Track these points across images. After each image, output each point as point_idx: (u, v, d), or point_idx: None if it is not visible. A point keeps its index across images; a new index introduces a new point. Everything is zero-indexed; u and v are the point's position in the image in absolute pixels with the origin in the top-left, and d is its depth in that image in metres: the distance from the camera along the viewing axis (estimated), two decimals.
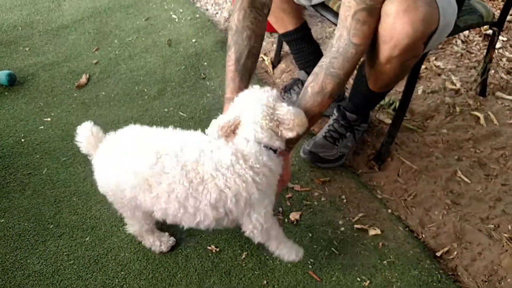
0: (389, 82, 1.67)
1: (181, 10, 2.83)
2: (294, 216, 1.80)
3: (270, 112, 1.33)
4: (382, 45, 1.48)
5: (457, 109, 2.27)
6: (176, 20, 2.77)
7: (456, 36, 2.72)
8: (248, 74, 1.61)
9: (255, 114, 1.33)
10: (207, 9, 2.90)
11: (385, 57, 1.51)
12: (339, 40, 1.46)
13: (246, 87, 1.55)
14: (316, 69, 1.50)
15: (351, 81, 1.91)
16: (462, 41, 2.71)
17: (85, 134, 1.46)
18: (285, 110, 1.33)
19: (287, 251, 1.52)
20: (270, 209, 1.43)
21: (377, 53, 1.53)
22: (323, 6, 1.87)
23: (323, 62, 1.48)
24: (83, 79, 2.36)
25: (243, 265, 1.65)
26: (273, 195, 1.44)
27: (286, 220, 1.79)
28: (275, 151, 1.37)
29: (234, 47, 1.60)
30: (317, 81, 1.47)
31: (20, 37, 2.62)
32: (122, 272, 1.61)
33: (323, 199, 1.87)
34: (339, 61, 1.45)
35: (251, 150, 1.32)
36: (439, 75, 2.47)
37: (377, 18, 1.44)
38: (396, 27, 1.41)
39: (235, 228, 1.52)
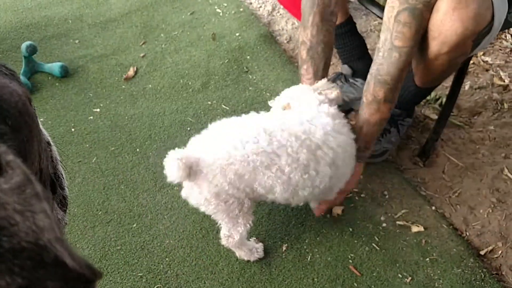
0: (436, 78, 1.65)
1: (225, 4, 2.86)
2: (336, 210, 1.81)
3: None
4: (431, 41, 1.46)
5: (505, 105, 2.21)
6: (220, 14, 2.80)
7: (506, 31, 2.64)
8: None
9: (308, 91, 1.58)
10: (250, 3, 2.92)
11: (433, 53, 1.49)
12: (384, 44, 1.48)
13: None
14: (368, 77, 1.56)
15: None
16: None
17: (175, 166, 1.35)
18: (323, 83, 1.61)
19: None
20: None
21: (425, 49, 1.51)
22: None
23: (373, 69, 1.53)
24: (131, 72, 2.43)
25: (283, 257, 1.68)
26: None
27: (328, 214, 1.80)
28: None
29: (310, 61, 1.67)
30: (369, 90, 1.54)
31: (70, 30, 2.72)
32: (166, 259, 1.66)
33: (365, 194, 1.87)
34: (384, 67, 1.49)
35: (330, 110, 1.52)
36: (487, 70, 2.41)
37: (421, 20, 1.43)
38: (445, 23, 1.39)
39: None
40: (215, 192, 1.41)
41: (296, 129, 1.42)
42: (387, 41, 1.46)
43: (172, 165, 1.35)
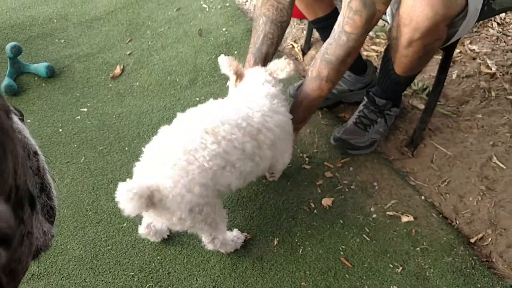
0: (414, 65, 1.65)
1: (211, 0, 2.85)
2: (326, 202, 1.81)
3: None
4: (403, 28, 1.47)
5: (493, 93, 2.22)
6: (207, 9, 2.79)
7: (492, 18, 2.65)
8: (263, 58, 1.74)
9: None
10: None
11: (406, 40, 1.50)
12: (337, 26, 1.53)
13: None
14: (317, 54, 1.63)
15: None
16: (498, 24, 2.63)
17: (130, 199, 1.26)
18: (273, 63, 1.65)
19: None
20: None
21: (399, 37, 1.52)
22: None
23: (323, 47, 1.60)
24: (118, 70, 2.41)
25: (275, 251, 1.68)
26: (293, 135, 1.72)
27: (318, 206, 1.80)
28: None
29: (253, 31, 1.77)
30: (315, 66, 1.61)
31: (55, 29, 2.70)
32: (158, 257, 1.66)
33: (354, 185, 1.87)
34: (332, 47, 1.55)
35: (272, 90, 1.58)
36: (474, 59, 2.42)
37: (373, 10, 1.46)
38: (415, 9, 1.40)
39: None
40: (188, 209, 1.36)
41: (235, 118, 1.44)
42: (339, 24, 1.52)
43: (126, 199, 1.24)
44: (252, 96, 1.56)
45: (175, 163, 1.33)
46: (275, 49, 1.76)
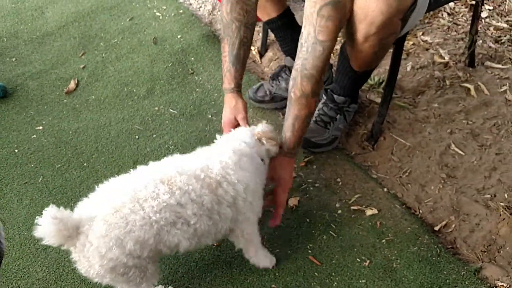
0: (370, 60, 1.67)
1: (164, 7, 2.82)
2: (292, 202, 1.81)
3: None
4: (358, 24, 1.48)
5: (447, 82, 2.27)
6: (160, 17, 2.76)
7: (442, 9, 2.71)
8: (242, 63, 1.76)
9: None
10: (190, 4, 2.89)
11: (362, 35, 1.51)
12: (307, 39, 1.49)
13: (240, 75, 1.78)
14: (293, 73, 1.56)
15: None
16: (448, 14, 2.69)
17: (50, 227, 1.15)
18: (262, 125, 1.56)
19: (263, 258, 1.60)
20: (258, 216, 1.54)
21: (354, 32, 1.53)
22: None
23: (298, 64, 1.54)
24: (72, 85, 2.36)
25: (243, 255, 1.66)
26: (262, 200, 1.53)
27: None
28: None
29: (226, 39, 1.74)
30: (297, 86, 1.54)
31: (5, 48, 2.62)
32: None
33: (318, 183, 1.88)
34: (309, 61, 1.50)
35: (244, 148, 1.44)
36: (427, 49, 2.46)
37: (344, 11, 1.45)
38: (370, 4, 1.41)
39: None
40: (110, 267, 1.22)
41: (193, 169, 1.33)
42: (310, 36, 1.48)
43: (47, 225, 1.13)
44: (218, 150, 1.44)
45: (117, 209, 1.20)
46: (249, 51, 1.80)
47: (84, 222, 1.20)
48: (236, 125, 1.76)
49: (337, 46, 2.45)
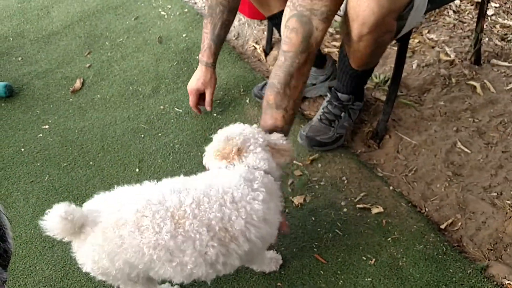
0: (367, 59, 1.66)
1: (170, 6, 2.83)
2: (298, 200, 1.81)
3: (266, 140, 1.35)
4: (352, 23, 1.48)
5: (453, 80, 2.26)
6: (165, 16, 2.76)
7: (448, 6, 2.70)
8: (221, 42, 1.97)
9: (258, 141, 1.31)
10: (195, 3, 2.89)
11: (356, 35, 1.51)
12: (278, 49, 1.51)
13: (218, 52, 1.99)
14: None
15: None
16: (454, 11, 2.68)
17: (57, 220, 1.13)
18: (278, 136, 1.38)
19: (268, 264, 1.57)
20: None
21: (349, 32, 1.53)
22: None
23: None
24: (78, 84, 2.37)
25: None
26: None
27: (290, 205, 1.80)
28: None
29: (209, 18, 1.89)
30: (265, 96, 1.49)
31: (12, 47, 2.63)
32: None
33: (324, 181, 1.87)
34: (273, 71, 1.47)
35: (268, 185, 1.27)
36: (433, 47, 2.46)
37: (310, 27, 1.42)
38: (361, 4, 1.41)
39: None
40: (100, 273, 1.21)
41: (210, 217, 1.16)
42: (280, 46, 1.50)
43: (55, 221, 1.13)
44: (241, 189, 1.22)
45: (118, 226, 1.15)
46: (228, 31, 1.97)
47: (89, 223, 1.17)
48: (201, 94, 2.05)
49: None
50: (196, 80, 2.02)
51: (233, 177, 1.23)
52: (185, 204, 1.16)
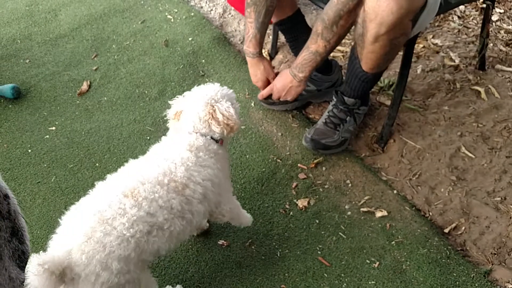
0: (381, 61, 1.68)
1: (176, 10, 2.85)
2: (302, 203, 1.82)
3: (212, 106, 1.45)
4: (369, 23, 1.50)
5: (457, 85, 2.27)
6: (172, 20, 2.79)
7: (452, 12, 2.71)
8: (265, 30, 1.96)
9: (197, 106, 1.45)
10: (201, 7, 2.92)
11: (372, 35, 1.52)
12: None
13: (263, 41, 1.99)
14: None
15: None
16: (459, 17, 2.69)
17: (41, 276, 1.05)
18: (224, 107, 1.45)
19: (244, 218, 1.65)
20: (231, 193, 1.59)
21: (365, 33, 1.55)
22: None
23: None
24: (84, 86, 2.39)
25: (253, 256, 1.68)
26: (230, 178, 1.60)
27: (294, 208, 1.81)
28: (217, 140, 1.48)
29: (253, 6, 1.88)
30: (315, 25, 1.71)
31: (19, 50, 2.66)
32: None
33: (328, 185, 1.88)
34: (326, 8, 1.65)
35: (199, 142, 1.42)
36: (438, 52, 2.47)
37: None
38: (380, 4, 1.43)
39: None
40: None
41: (155, 175, 1.30)
42: None
43: (37, 275, 1.03)
44: (174, 149, 1.41)
45: (89, 236, 1.17)
46: (271, 18, 1.96)
47: (63, 258, 1.15)
48: (268, 83, 2.07)
49: (347, 49, 2.47)
50: (256, 74, 2.05)
51: (163, 144, 1.47)
52: (131, 181, 1.28)
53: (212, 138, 1.47)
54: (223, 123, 1.43)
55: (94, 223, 1.18)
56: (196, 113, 1.45)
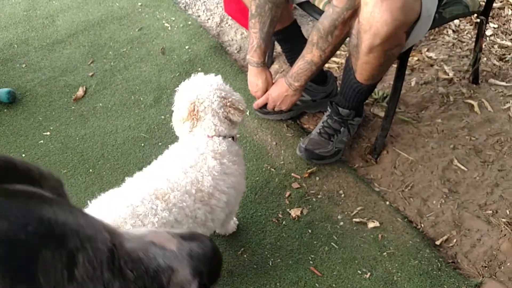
0: (375, 72, 1.69)
1: (173, 18, 2.87)
2: (295, 212, 1.83)
3: (223, 98, 1.45)
4: (363, 34, 1.51)
5: (451, 98, 2.29)
6: (169, 28, 2.80)
7: (447, 26, 2.73)
8: (270, 40, 1.98)
9: (212, 103, 1.43)
10: (199, 16, 2.93)
11: (367, 46, 1.54)
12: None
13: (267, 52, 2.02)
14: None
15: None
16: (453, 31, 2.72)
17: None
18: (233, 94, 1.49)
19: (232, 225, 1.72)
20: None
21: (359, 44, 1.56)
22: (309, 4, 1.90)
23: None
24: (80, 92, 2.39)
25: (245, 264, 1.68)
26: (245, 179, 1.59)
27: (287, 217, 1.81)
28: (233, 138, 1.51)
29: (258, 17, 1.88)
30: (310, 34, 1.73)
31: (16, 54, 2.66)
32: None
33: (321, 195, 1.89)
34: (322, 17, 1.66)
35: (223, 147, 1.43)
36: (432, 65, 2.49)
37: None
38: (375, 15, 1.44)
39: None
40: None
41: (183, 183, 1.32)
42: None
43: None
44: (199, 155, 1.40)
45: (119, 226, 1.18)
46: (275, 28, 1.97)
47: None
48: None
49: (342, 60, 2.48)
50: (258, 83, 2.03)
51: (187, 147, 1.45)
52: (161, 184, 1.29)
53: (232, 138, 1.49)
54: (244, 109, 1.48)
55: (126, 215, 1.20)
56: (216, 113, 1.43)
